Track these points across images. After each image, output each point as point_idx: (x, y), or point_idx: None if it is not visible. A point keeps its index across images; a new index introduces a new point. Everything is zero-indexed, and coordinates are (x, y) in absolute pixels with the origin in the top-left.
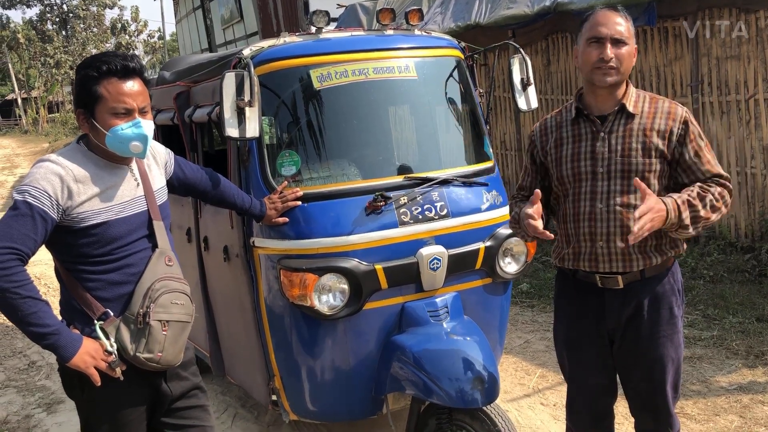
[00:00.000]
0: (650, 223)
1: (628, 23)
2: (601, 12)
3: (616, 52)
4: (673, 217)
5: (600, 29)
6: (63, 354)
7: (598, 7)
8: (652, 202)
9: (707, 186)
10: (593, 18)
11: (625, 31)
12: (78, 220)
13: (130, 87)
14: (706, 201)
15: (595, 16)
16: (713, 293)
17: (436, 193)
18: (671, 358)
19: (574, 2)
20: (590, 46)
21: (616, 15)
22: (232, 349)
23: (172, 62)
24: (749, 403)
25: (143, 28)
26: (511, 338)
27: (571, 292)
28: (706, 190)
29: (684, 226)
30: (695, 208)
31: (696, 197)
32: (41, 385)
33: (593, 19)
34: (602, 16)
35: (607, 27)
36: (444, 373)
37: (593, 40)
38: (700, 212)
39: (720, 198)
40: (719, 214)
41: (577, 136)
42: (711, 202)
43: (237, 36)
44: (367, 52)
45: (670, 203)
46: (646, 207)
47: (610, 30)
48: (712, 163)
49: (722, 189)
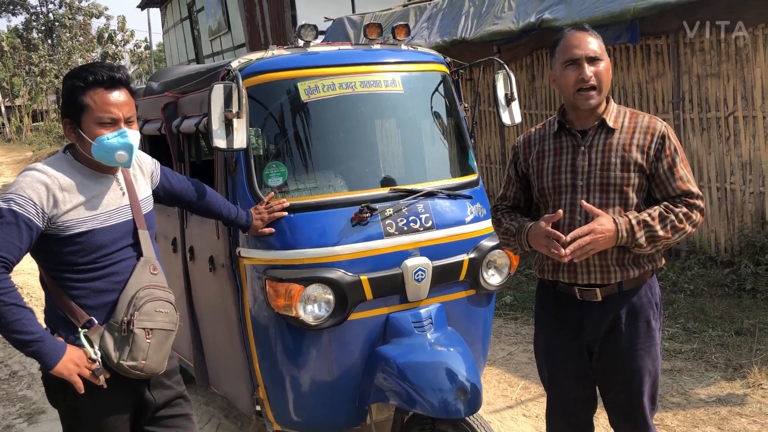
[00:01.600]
0: (591, 244)
1: (598, 40)
2: (570, 33)
3: (594, 71)
4: (625, 237)
5: (575, 51)
6: (47, 361)
7: (566, 30)
8: (594, 224)
9: (672, 206)
10: (564, 41)
11: (598, 48)
12: (63, 229)
13: (116, 97)
14: (667, 222)
15: (566, 39)
16: (693, 307)
17: (422, 205)
18: (648, 370)
19: (558, 19)
20: (567, 68)
21: (586, 34)
22: (217, 359)
23: (160, 73)
24: (727, 415)
25: (130, 38)
26: (494, 350)
27: (551, 303)
28: (670, 210)
29: (639, 245)
30: (652, 229)
31: (656, 217)
32: (22, 395)
33: (565, 42)
34: (573, 37)
35: (581, 47)
36: (427, 383)
37: (569, 62)
38: (657, 232)
39: (684, 219)
40: (682, 233)
41: (558, 149)
42: (672, 222)
43: (224, 47)
44: (354, 66)
45: (623, 223)
46: (587, 228)
47: (584, 50)
48: (684, 180)
49: (688, 210)
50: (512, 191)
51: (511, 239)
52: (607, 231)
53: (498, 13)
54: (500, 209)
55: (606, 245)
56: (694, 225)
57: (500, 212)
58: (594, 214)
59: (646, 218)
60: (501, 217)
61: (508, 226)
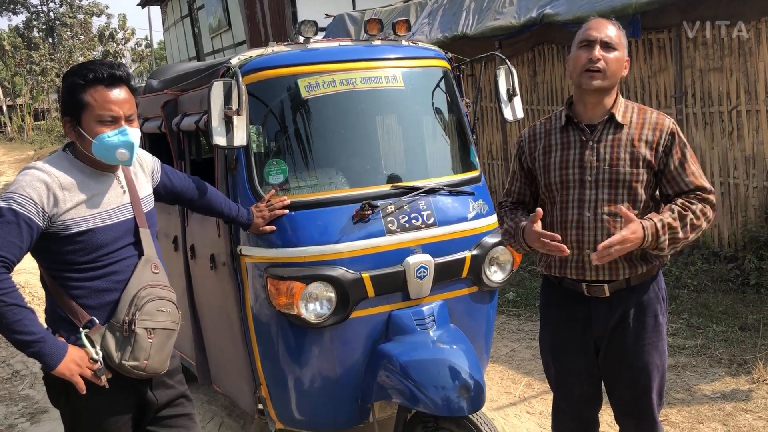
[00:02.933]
0: (619, 252)
1: (619, 32)
2: (594, 19)
3: (604, 56)
4: (650, 241)
5: (591, 32)
6: (48, 362)
7: (593, 16)
8: (627, 233)
9: (689, 202)
10: (586, 24)
11: (615, 37)
12: (64, 228)
13: (116, 95)
14: (687, 221)
15: (589, 22)
16: (697, 302)
17: (423, 202)
18: (656, 365)
19: (560, 14)
20: (581, 49)
21: (608, 23)
22: (219, 357)
23: (160, 71)
24: (732, 411)
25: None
26: (497, 347)
27: (557, 300)
28: (687, 207)
29: (660, 248)
30: (675, 231)
31: (677, 218)
32: (25, 394)
33: (586, 25)
34: (595, 22)
35: (598, 31)
36: (430, 381)
37: (584, 43)
38: (678, 234)
39: (701, 215)
40: (699, 231)
41: (566, 143)
42: (691, 221)
43: (225, 45)
44: (354, 62)
45: (650, 228)
46: (620, 237)
47: (600, 33)
48: (696, 175)
49: (704, 205)
50: (517, 186)
51: (512, 240)
52: (638, 238)
53: (499, 9)
54: (504, 206)
55: (632, 249)
56: (709, 221)
57: (504, 209)
58: (628, 219)
59: (670, 221)
60: (504, 215)
61: (507, 227)
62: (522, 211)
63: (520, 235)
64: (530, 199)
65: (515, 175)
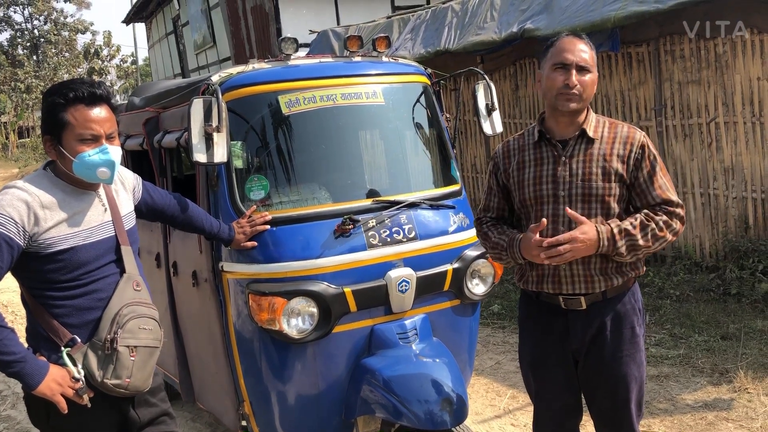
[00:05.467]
0: (571, 252)
1: (592, 51)
2: (566, 38)
3: (580, 79)
4: (606, 245)
5: (566, 55)
6: (29, 382)
7: (564, 34)
8: (576, 232)
9: (653, 214)
10: (559, 44)
11: (589, 59)
12: (45, 246)
13: (97, 113)
14: (648, 230)
15: (561, 42)
16: (680, 312)
17: (405, 216)
18: (634, 376)
19: (540, 29)
20: (555, 71)
21: (581, 42)
22: (202, 374)
23: (143, 88)
24: (714, 420)
25: (116, 53)
26: (482, 359)
27: (535, 313)
28: (650, 218)
29: (619, 254)
30: (633, 238)
31: (637, 226)
32: (6, 415)
33: (559, 45)
34: (568, 42)
35: (573, 54)
36: (413, 395)
37: (559, 65)
38: (638, 241)
39: (665, 227)
40: (662, 242)
41: (539, 159)
42: (653, 231)
43: (210, 61)
44: (334, 78)
45: (605, 232)
46: (568, 236)
47: (575, 57)
48: (664, 188)
49: (669, 218)
50: (495, 202)
51: (503, 254)
52: (589, 239)
53: (481, 24)
54: (485, 222)
55: (586, 252)
56: (675, 233)
57: (486, 225)
58: (578, 221)
59: (627, 227)
60: (488, 230)
61: (497, 241)
62: (506, 225)
63: (515, 246)
64: (509, 213)
65: (492, 191)
